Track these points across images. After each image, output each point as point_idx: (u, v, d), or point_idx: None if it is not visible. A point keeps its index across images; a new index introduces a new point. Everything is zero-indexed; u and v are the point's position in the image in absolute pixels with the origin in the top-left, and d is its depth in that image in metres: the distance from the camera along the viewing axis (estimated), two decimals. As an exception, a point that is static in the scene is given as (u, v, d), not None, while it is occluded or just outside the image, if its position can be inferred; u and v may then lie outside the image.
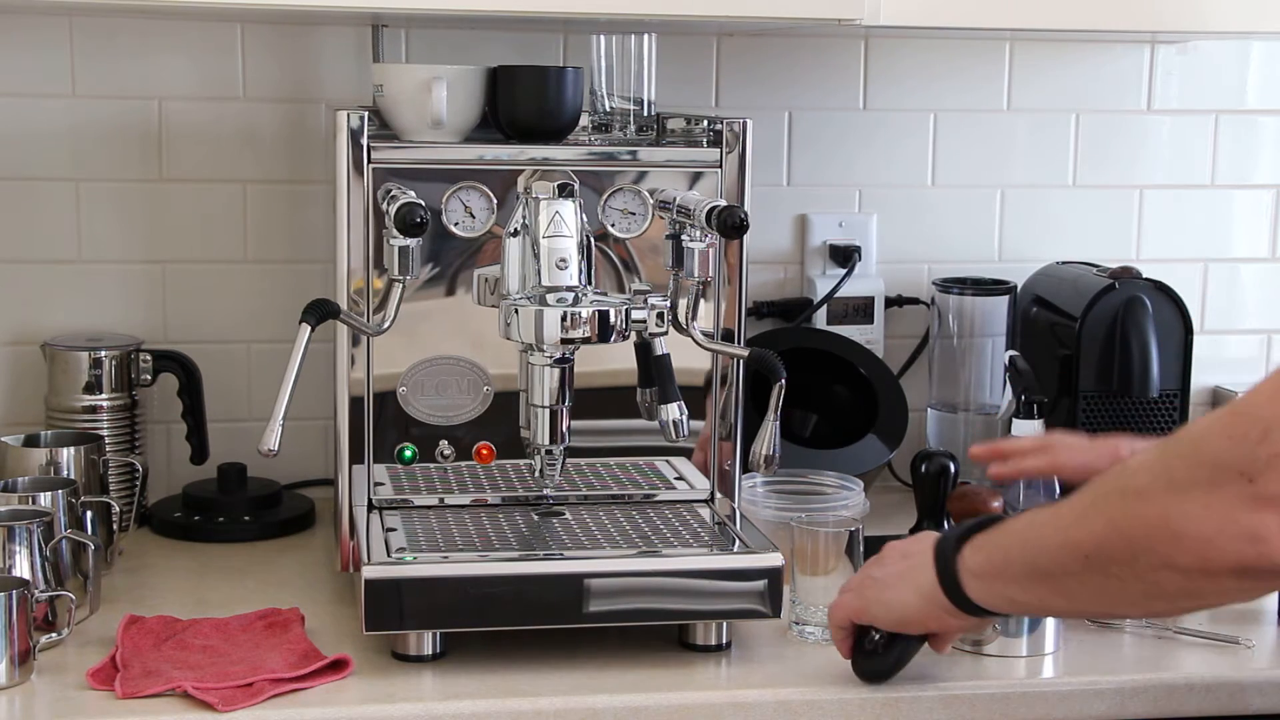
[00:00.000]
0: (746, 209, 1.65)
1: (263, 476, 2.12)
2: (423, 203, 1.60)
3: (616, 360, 1.75)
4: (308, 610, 1.72)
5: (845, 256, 2.29)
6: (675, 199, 1.70)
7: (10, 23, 2.09)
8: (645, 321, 1.64)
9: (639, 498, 1.83)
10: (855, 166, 2.32)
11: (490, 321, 1.67)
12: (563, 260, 1.62)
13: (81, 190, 2.13)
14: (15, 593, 1.53)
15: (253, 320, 2.19)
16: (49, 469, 1.87)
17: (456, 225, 1.75)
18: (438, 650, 1.62)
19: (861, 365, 2.23)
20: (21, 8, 2.07)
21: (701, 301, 1.69)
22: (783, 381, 1.66)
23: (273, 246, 2.18)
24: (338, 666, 1.57)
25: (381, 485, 1.78)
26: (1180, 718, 1.62)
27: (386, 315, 1.66)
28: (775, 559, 1.63)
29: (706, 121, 1.82)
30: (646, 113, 1.89)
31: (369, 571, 1.58)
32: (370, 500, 1.78)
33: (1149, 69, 2.38)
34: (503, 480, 1.81)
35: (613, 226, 1.78)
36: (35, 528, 1.65)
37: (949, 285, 2.25)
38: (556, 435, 1.67)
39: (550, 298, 1.60)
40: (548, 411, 1.66)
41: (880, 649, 1.54)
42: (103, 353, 2.04)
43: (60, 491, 1.75)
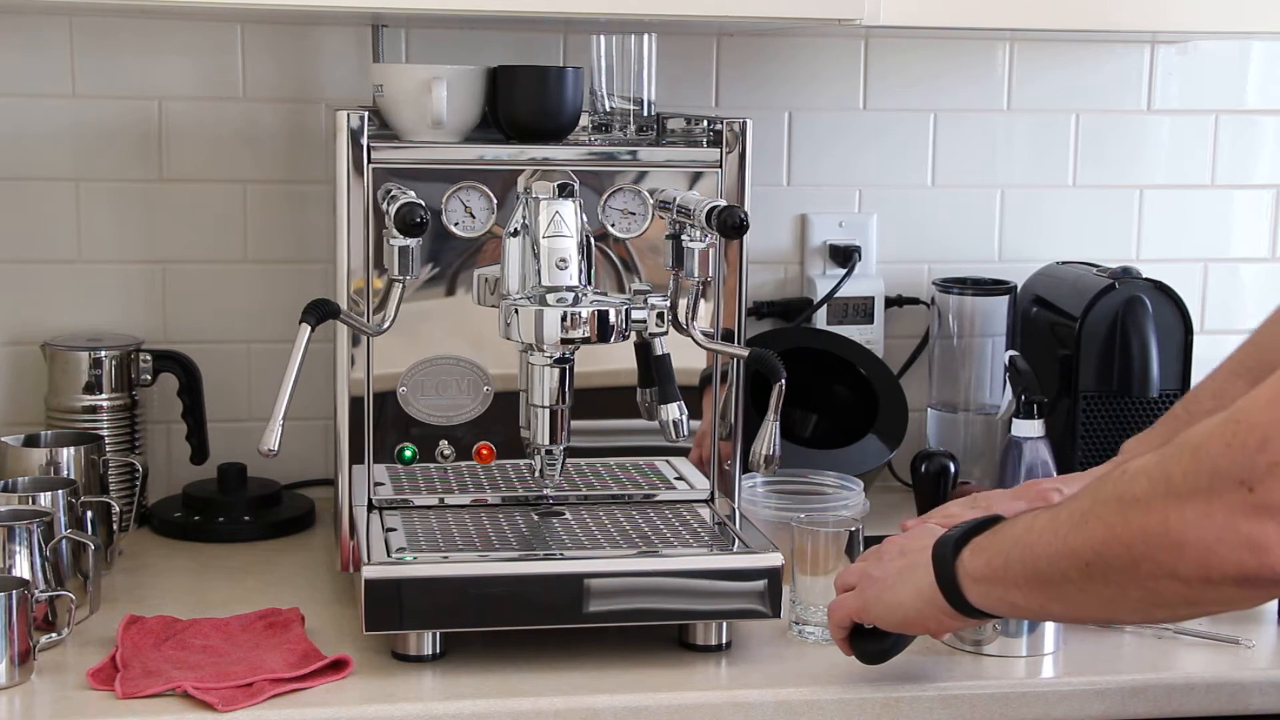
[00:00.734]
0: (746, 209, 1.65)
1: (263, 476, 2.12)
2: (423, 203, 1.60)
3: (616, 360, 1.75)
4: (308, 610, 1.72)
5: (845, 256, 2.29)
6: (675, 199, 1.70)
7: (10, 23, 2.09)
8: (645, 321, 1.64)
9: (639, 498, 1.83)
10: (855, 166, 2.32)
11: (490, 321, 1.67)
12: (563, 260, 1.62)
13: (81, 190, 2.13)
14: (15, 593, 1.53)
15: (253, 320, 2.18)
16: (49, 469, 1.87)
17: (456, 225, 1.75)
18: (438, 650, 1.62)
19: (861, 365, 2.23)
20: (21, 8, 2.07)
21: (701, 301, 1.69)
22: (783, 381, 1.66)
23: (273, 246, 2.18)
24: (338, 666, 1.57)
25: (381, 485, 1.78)
26: (1180, 718, 1.62)
27: (386, 315, 1.66)
28: (775, 559, 1.63)
29: (706, 121, 1.82)
30: (646, 113, 1.89)
31: (369, 571, 1.58)
32: (370, 500, 1.78)
33: (1149, 69, 2.38)
34: (503, 480, 1.81)
35: (613, 226, 1.78)
36: (35, 528, 1.65)
37: (949, 285, 2.24)
38: (556, 435, 1.67)
39: (550, 298, 1.60)
40: (548, 411, 1.66)
41: (878, 630, 1.54)
42: (103, 353, 2.04)
43: (60, 491, 1.75)
